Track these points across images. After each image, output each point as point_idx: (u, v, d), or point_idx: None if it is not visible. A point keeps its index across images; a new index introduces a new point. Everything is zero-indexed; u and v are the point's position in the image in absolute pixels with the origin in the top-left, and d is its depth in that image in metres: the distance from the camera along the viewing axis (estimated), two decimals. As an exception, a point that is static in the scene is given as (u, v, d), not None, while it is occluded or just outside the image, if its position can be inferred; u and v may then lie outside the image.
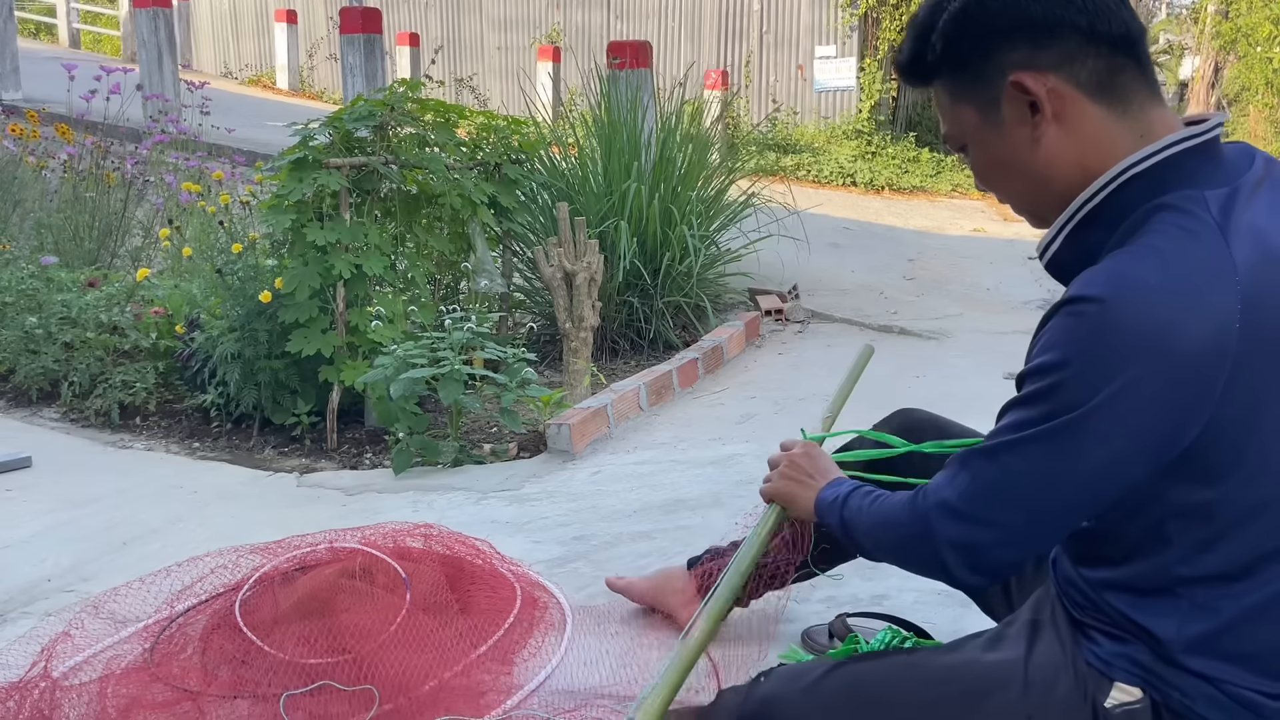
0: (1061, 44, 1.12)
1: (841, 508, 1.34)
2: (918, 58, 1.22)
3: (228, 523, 2.69)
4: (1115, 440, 1.05)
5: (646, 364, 4.09)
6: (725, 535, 1.94)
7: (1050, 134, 1.14)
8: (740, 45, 12.69)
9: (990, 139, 1.19)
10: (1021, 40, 1.13)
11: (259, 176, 4.15)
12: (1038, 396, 1.08)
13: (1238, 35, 14.46)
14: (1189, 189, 1.09)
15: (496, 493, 2.82)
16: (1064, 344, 1.06)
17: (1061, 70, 1.13)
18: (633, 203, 4.30)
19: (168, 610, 2.00)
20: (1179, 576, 1.11)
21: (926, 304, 5.25)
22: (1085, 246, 1.15)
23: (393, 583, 1.89)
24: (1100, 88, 1.13)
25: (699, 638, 1.34)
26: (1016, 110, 1.15)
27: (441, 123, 3.71)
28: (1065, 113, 1.13)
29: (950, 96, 1.21)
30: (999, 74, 1.15)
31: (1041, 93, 1.13)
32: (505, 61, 14.03)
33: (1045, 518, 1.12)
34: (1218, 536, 1.08)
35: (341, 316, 3.29)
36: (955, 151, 1.27)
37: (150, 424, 3.55)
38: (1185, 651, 1.11)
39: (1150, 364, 1.02)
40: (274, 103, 12.70)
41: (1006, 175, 1.21)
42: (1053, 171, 1.16)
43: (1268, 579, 1.09)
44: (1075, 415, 1.05)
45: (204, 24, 16.62)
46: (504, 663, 1.77)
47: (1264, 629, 1.10)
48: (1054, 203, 1.18)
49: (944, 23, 1.17)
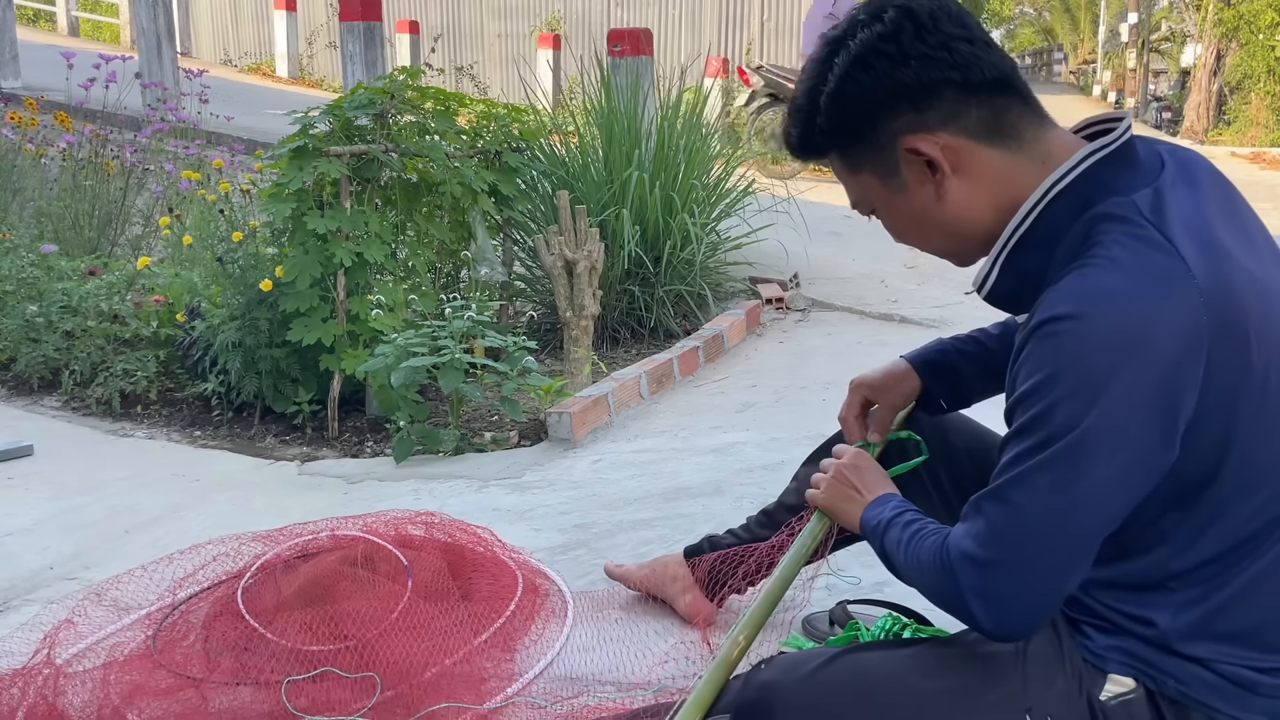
0: (942, 102, 1.15)
1: (881, 537, 1.30)
2: (806, 138, 1.25)
3: (229, 510, 2.70)
4: (1120, 453, 1.05)
5: (647, 353, 4.09)
6: (722, 524, 1.94)
7: (953, 187, 1.18)
8: (741, 33, 12.65)
9: (897, 201, 1.22)
10: (903, 106, 1.16)
11: (259, 165, 4.14)
12: (1033, 425, 1.08)
13: (1240, 22, 14.42)
14: (1115, 196, 1.11)
15: (497, 481, 2.82)
16: (1048, 365, 1.06)
17: (949, 126, 1.16)
18: (634, 191, 4.29)
19: (170, 598, 2.01)
20: (1173, 571, 1.13)
21: (927, 293, 5.25)
22: (1023, 271, 1.17)
23: (394, 570, 1.89)
24: (990, 131, 1.16)
25: (735, 654, 1.31)
26: (915, 172, 1.19)
27: (442, 111, 3.71)
28: (963, 164, 1.17)
29: (849, 168, 1.25)
30: (890, 141, 1.18)
31: (935, 152, 1.16)
32: (505, 49, 14.00)
33: (1066, 548, 1.09)
34: (1209, 523, 1.11)
35: (342, 305, 3.29)
36: (866, 215, 1.29)
37: (151, 412, 3.55)
38: (1181, 639, 1.13)
39: (1137, 369, 1.03)
40: (273, 90, 12.67)
41: (922, 231, 1.25)
42: (965, 219, 1.20)
43: (1255, 556, 1.11)
44: (1074, 435, 1.05)
45: (204, 11, 16.57)
46: (505, 650, 1.78)
47: (1253, 605, 1.12)
48: (975, 245, 1.22)
49: (825, 102, 1.20)
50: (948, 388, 1.58)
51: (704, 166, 4.72)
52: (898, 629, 1.57)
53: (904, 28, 1.15)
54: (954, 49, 1.15)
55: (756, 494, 2.58)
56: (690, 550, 1.90)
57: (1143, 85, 23.29)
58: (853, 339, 4.37)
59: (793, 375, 3.83)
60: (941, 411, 1.61)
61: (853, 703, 1.21)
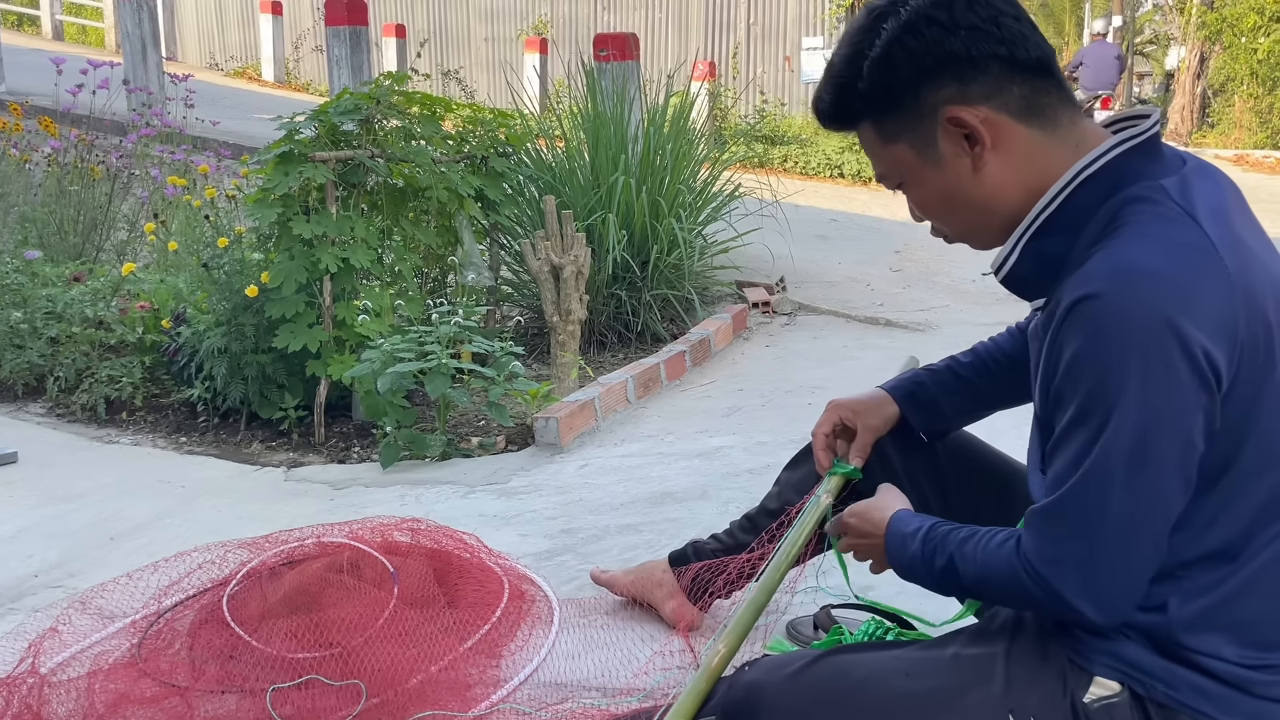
0: (987, 76, 1.16)
1: (933, 576, 1.27)
2: (842, 105, 1.24)
3: (215, 517, 2.69)
4: (1177, 424, 1.05)
5: (634, 357, 4.10)
6: (708, 529, 1.95)
7: (990, 162, 1.18)
8: (728, 37, 12.67)
9: (930, 175, 1.22)
10: (948, 77, 1.16)
11: (244, 171, 4.14)
12: (1086, 411, 1.08)
13: (1223, 25, 14.51)
14: (1143, 182, 1.13)
15: (484, 486, 2.82)
16: (1089, 346, 1.07)
17: (991, 100, 1.16)
18: (620, 195, 4.30)
19: (155, 605, 2.01)
20: (1183, 560, 1.13)
21: (912, 296, 5.27)
22: (1045, 256, 1.18)
23: (380, 577, 1.90)
24: (1029, 111, 1.17)
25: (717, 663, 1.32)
26: (953, 144, 1.19)
27: (428, 116, 3.71)
28: (1001, 140, 1.17)
29: (881, 139, 1.24)
30: (931, 112, 1.18)
31: (977, 124, 1.16)
32: (492, 53, 13.99)
33: (1153, 525, 1.09)
34: (1222, 510, 1.11)
35: (328, 310, 3.29)
36: (893, 189, 1.28)
37: (137, 419, 3.54)
38: (1186, 629, 1.13)
39: (1180, 339, 1.03)
40: (260, 95, 12.64)
41: (950, 207, 1.24)
42: (997, 197, 1.20)
43: (1262, 545, 1.12)
44: (1129, 412, 1.05)
45: (189, 15, 16.51)
46: (491, 656, 1.78)
47: (1257, 597, 1.13)
48: (999, 227, 1.22)
49: (869, 68, 1.19)
50: (926, 418, 1.59)
51: (691, 171, 4.74)
52: (881, 633, 1.58)
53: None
54: (1003, 24, 1.15)
55: (743, 498, 2.58)
56: (675, 556, 1.91)
57: (1127, 88, 23.42)
58: (838, 343, 4.39)
59: (779, 379, 3.85)
60: (920, 442, 1.60)
61: (836, 703, 1.21)
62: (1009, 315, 4.78)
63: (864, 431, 1.58)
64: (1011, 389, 1.54)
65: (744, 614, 1.35)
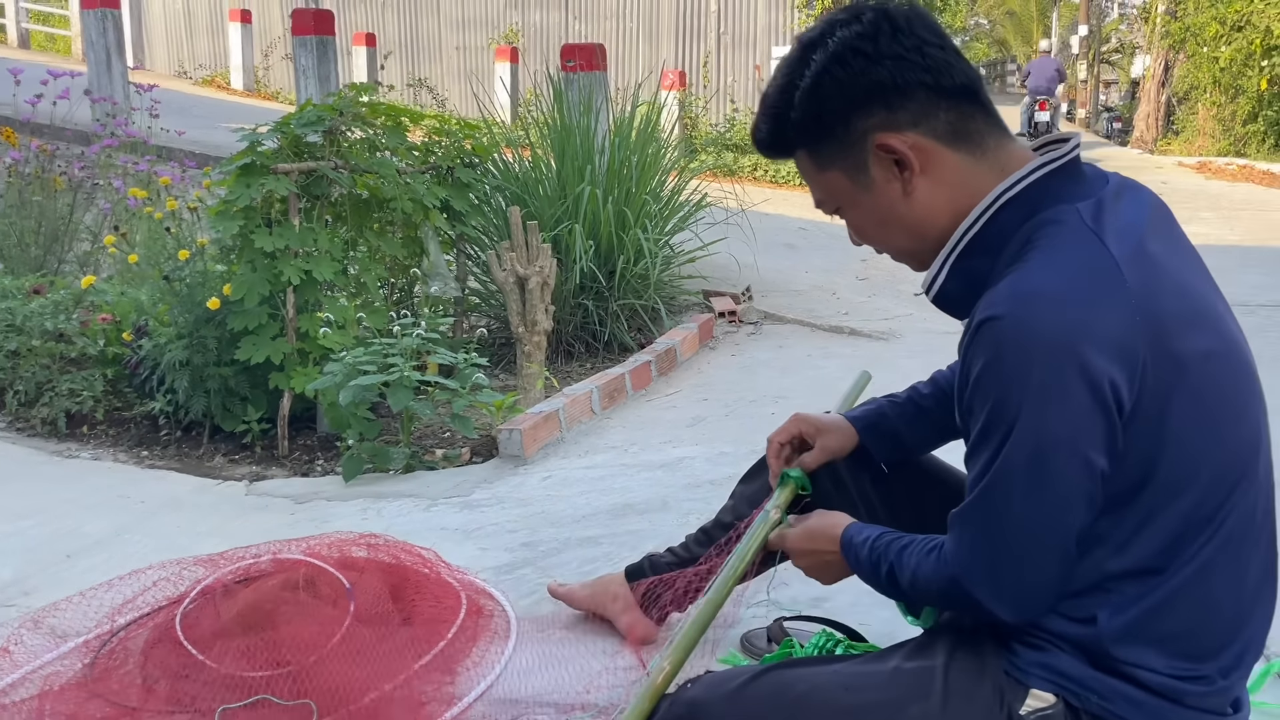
0: (913, 103, 1.19)
1: (880, 582, 1.32)
2: (777, 134, 1.28)
3: (174, 533, 2.67)
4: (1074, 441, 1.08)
5: (601, 366, 4.11)
6: (668, 540, 1.96)
7: (920, 186, 1.22)
8: (698, 45, 12.72)
9: (864, 199, 1.26)
10: (877, 105, 1.20)
11: (206, 183, 4.11)
12: (988, 430, 1.12)
13: (1186, 35, 14.72)
14: (1059, 204, 1.16)
15: (446, 499, 2.82)
16: (989, 367, 1.10)
17: (919, 126, 1.20)
18: (587, 206, 4.31)
19: (109, 624, 1.99)
20: (1109, 572, 1.15)
21: (877, 304, 5.31)
22: (970, 275, 1.21)
23: (336, 594, 1.89)
24: (956, 136, 1.21)
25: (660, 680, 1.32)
26: (884, 170, 1.22)
27: (392, 126, 3.70)
28: (929, 164, 1.21)
29: (816, 166, 1.28)
30: (861, 139, 1.22)
31: (905, 150, 1.20)
32: (463, 62, 13.98)
33: (1052, 536, 1.12)
34: (1143, 525, 1.13)
35: (291, 323, 3.27)
36: (830, 214, 1.32)
37: (98, 432, 3.51)
38: (1116, 641, 1.15)
39: (1075, 361, 1.06)
40: (228, 103, 12.56)
41: (885, 230, 1.28)
42: (927, 219, 1.23)
43: (1188, 558, 1.14)
44: (1026, 431, 1.09)
45: (157, 23, 16.40)
46: (447, 672, 1.78)
47: (1184, 609, 1.15)
48: (932, 248, 1.26)
49: (801, 98, 1.23)
50: (887, 449, 1.62)
51: (658, 180, 4.75)
52: (831, 645, 1.60)
53: (881, 28, 1.19)
54: (927, 53, 1.19)
55: (703, 509, 2.60)
56: (631, 569, 1.92)
57: (1094, 96, 23.71)
58: (802, 352, 4.41)
59: (743, 389, 3.87)
60: (880, 471, 1.63)
61: (776, 718, 1.22)
62: (972, 324, 4.82)
63: (819, 451, 1.61)
64: None
65: (689, 630, 1.36)
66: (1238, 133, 14.21)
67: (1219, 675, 1.16)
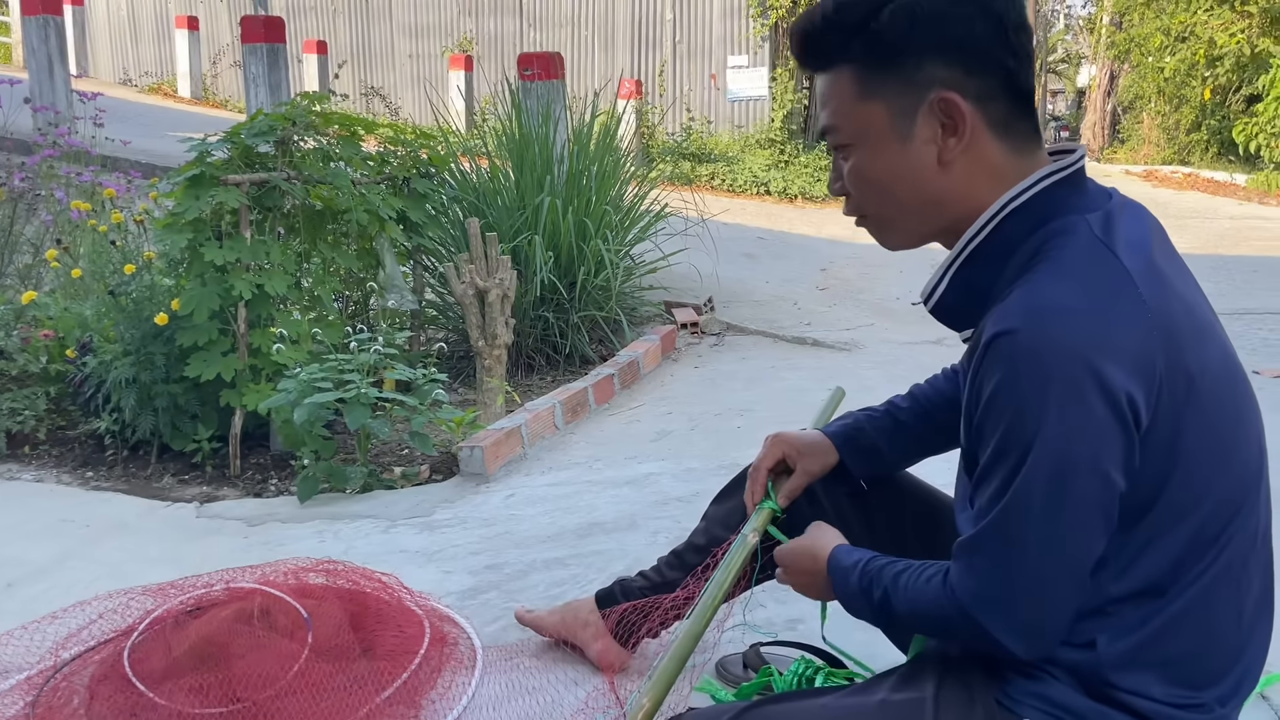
0: (987, 78, 1.13)
1: (872, 608, 1.26)
2: (839, 36, 1.16)
3: (122, 559, 2.57)
4: (1095, 459, 1.03)
5: (563, 379, 4.05)
6: (637, 561, 1.90)
7: (958, 161, 1.15)
8: (654, 54, 12.71)
9: (890, 148, 1.16)
10: (957, 59, 1.12)
11: (153, 194, 3.99)
12: (1005, 447, 1.06)
13: (1131, 45, 15.00)
14: (1067, 216, 1.12)
15: (406, 520, 2.74)
16: (1009, 380, 1.05)
17: (980, 102, 1.13)
18: (546, 216, 4.25)
19: (53, 659, 1.89)
20: (1110, 596, 1.11)
21: (839, 314, 5.30)
22: (971, 285, 1.16)
23: (293, 624, 1.81)
24: (1004, 129, 1.15)
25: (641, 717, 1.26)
26: (930, 127, 1.14)
27: (347, 136, 3.62)
28: (974, 144, 1.14)
29: (859, 90, 1.17)
30: (926, 85, 1.13)
31: (966, 114, 1.13)
32: (417, 70, 13.84)
33: (1072, 562, 1.07)
34: (1146, 546, 1.10)
35: (243, 338, 3.18)
36: (833, 145, 1.21)
37: (40, 453, 3.38)
38: (1114, 667, 1.12)
39: (1096, 378, 1.02)
40: (176, 112, 12.33)
41: (891, 189, 1.18)
42: (948, 197, 1.16)
43: (1189, 581, 1.11)
44: (1045, 450, 1.04)
45: (101, 30, 16.06)
46: (411, 705, 1.71)
47: (1185, 634, 1.12)
48: (925, 230, 1.20)
49: (891, 12, 1.12)
50: (867, 465, 1.57)
51: (618, 190, 4.71)
52: (810, 673, 1.55)
53: None
54: (1022, 40, 1.13)
55: (671, 528, 2.55)
56: (602, 595, 1.85)
57: (1041, 105, 24.11)
58: (766, 364, 4.38)
59: (708, 401, 3.82)
60: (858, 487, 1.58)
61: (762, 759, 1.17)
62: (932, 334, 4.85)
63: (800, 475, 1.56)
64: (949, 434, 1.51)
65: (668, 664, 1.31)
66: (1181, 141, 14.50)
67: (1217, 704, 1.13)
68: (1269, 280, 6.60)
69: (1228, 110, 13.63)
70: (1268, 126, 11.54)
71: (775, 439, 1.58)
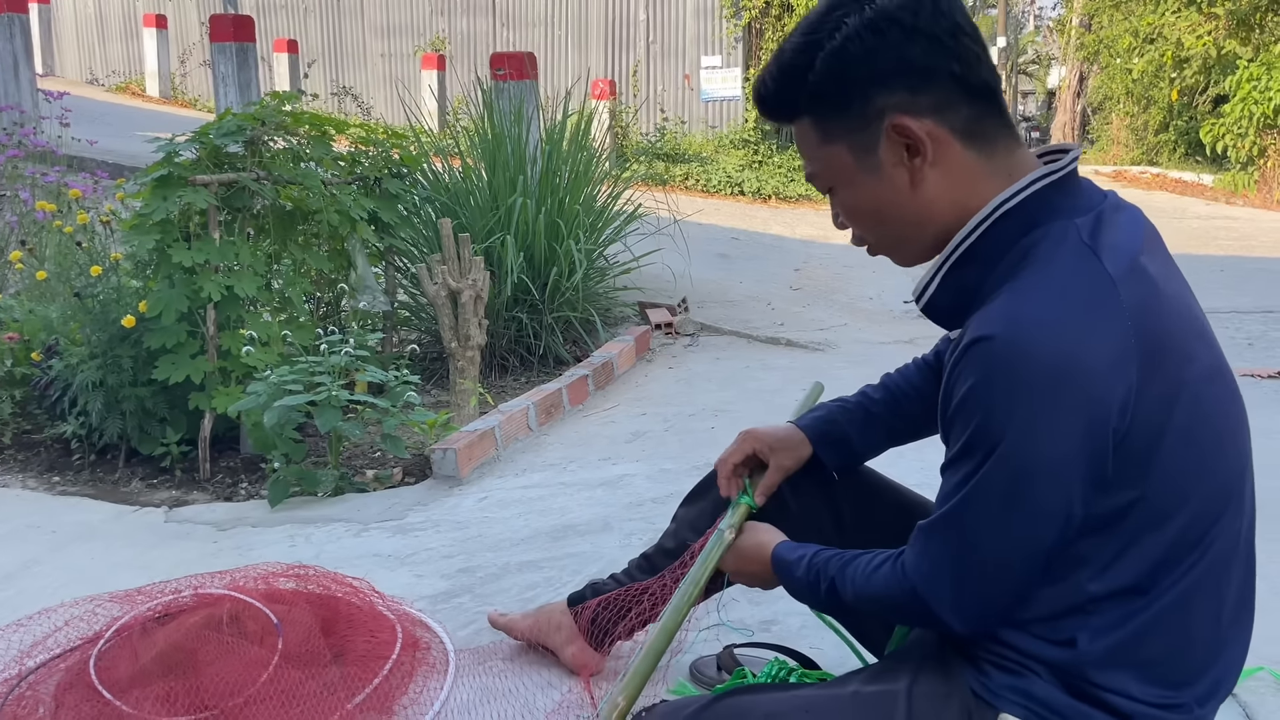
0: (936, 90, 1.13)
1: (818, 598, 1.32)
2: (787, 94, 1.19)
3: (89, 565, 2.53)
4: (1056, 469, 1.06)
5: (537, 380, 4.03)
6: (611, 563, 1.89)
7: (929, 177, 1.16)
8: (628, 55, 12.71)
9: (864, 182, 1.19)
10: (900, 84, 1.13)
11: (120, 195, 3.94)
12: (969, 448, 1.09)
13: (1100, 46, 15.15)
14: (1058, 219, 1.12)
15: (378, 523, 2.72)
16: (978, 387, 1.07)
17: (937, 115, 1.14)
18: (519, 217, 4.23)
19: (17, 667, 1.86)
20: (1091, 594, 1.12)
21: (812, 315, 5.32)
22: (962, 286, 1.17)
23: (263, 630, 1.79)
24: (970, 133, 1.15)
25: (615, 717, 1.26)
26: (894, 153, 1.15)
27: (317, 136, 3.58)
28: (941, 156, 1.15)
29: (820, 137, 1.20)
30: (877, 116, 1.15)
31: (922, 135, 1.13)
32: (389, 69, 13.77)
33: (1020, 558, 1.11)
34: (1127, 547, 1.10)
35: (212, 340, 3.14)
36: (822, 191, 1.24)
37: (5, 457, 3.33)
38: (1094, 665, 1.12)
39: (1067, 392, 1.03)
40: (144, 111, 12.20)
41: (880, 218, 1.21)
42: (931, 213, 1.17)
43: (1171, 582, 1.11)
44: (1010, 458, 1.06)
45: (68, 29, 15.87)
46: (383, 711, 1.69)
47: (1165, 633, 1.12)
48: (928, 244, 1.21)
49: (824, 59, 1.14)
50: (838, 456, 1.58)
51: (591, 191, 4.69)
52: (784, 674, 1.55)
53: (924, 4, 1.12)
54: (961, 41, 1.13)
55: (645, 529, 2.55)
56: (574, 598, 1.84)
57: (1012, 105, 24.32)
58: (740, 364, 4.39)
59: (682, 402, 3.82)
60: (816, 479, 1.59)
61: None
62: (905, 333, 4.87)
63: (774, 470, 1.56)
64: (920, 424, 1.54)
65: (642, 663, 1.30)
66: (1150, 142, 14.65)
67: (1195, 704, 1.14)
68: (1235, 279, 6.68)
69: (1195, 111, 13.79)
70: (1234, 127, 11.68)
71: (745, 434, 1.59)
